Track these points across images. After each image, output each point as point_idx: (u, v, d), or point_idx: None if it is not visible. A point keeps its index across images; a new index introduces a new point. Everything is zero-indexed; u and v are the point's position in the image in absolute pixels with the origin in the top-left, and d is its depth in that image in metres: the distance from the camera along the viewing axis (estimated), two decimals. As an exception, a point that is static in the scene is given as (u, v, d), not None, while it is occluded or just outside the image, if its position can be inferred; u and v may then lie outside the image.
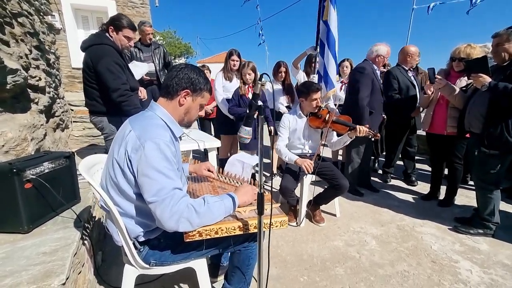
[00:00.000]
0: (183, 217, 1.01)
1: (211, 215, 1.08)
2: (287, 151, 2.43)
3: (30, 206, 1.35)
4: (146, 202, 1.03)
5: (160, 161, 1.01)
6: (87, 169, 1.24)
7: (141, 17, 6.46)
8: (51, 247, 1.24)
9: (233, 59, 3.18)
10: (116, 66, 2.15)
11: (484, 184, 2.22)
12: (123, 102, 2.16)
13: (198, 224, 1.05)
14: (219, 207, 1.11)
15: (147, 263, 1.20)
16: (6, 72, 1.72)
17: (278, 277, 1.79)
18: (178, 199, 1.01)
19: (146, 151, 1.00)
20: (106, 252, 1.95)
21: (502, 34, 2.03)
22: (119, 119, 2.28)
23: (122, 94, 2.14)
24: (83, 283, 1.32)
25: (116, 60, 2.17)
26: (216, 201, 1.12)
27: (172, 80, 1.15)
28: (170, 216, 0.99)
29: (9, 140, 1.62)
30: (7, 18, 1.89)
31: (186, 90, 1.15)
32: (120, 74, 2.17)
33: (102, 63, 2.10)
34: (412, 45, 3.19)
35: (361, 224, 2.52)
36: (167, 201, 0.99)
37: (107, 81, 2.11)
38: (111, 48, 2.19)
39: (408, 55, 3.13)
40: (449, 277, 1.81)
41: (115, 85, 2.12)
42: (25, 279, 1.02)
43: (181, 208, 1.01)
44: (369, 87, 2.89)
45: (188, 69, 1.16)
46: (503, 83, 1.97)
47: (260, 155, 1.02)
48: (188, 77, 1.15)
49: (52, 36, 3.32)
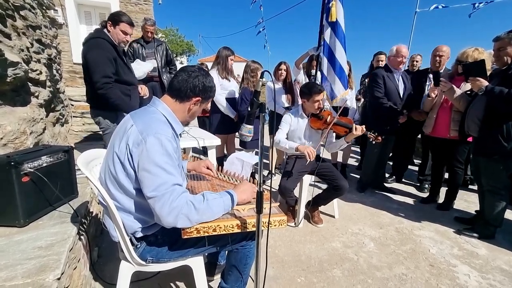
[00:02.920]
0: (182, 213, 1.00)
1: (210, 212, 1.08)
2: (287, 140, 2.43)
3: (27, 200, 1.33)
4: (145, 198, 1.02)
5: (161, 156, 1.01)
6: (86, 163, 1.23)
7: (144, 14, 6.45)
8: (47, 241, 1.23)
9: (232, 58, 3.17)
10: (102, 58, 2.15)
11: (495, 189, 2.21)
12: (104, 94, 2.16)
13: (196, 220, 1.05)
14: (218, 204, 1.11)
15: (143, 259, 1.19)
16: (6, 64, 1.71)
17: (275, 277, 1.78)
18: (178, 194, 1.01)
19: (148, 145, 1.00)
20: (102, 248, 1.94)
21: (504, 38, 2.03)
22: (114, 114, 2.32)
23: (100, 87, 2.14)
24: (78, 279, 1.31)
25: (105, 53, 2.17)
26: (215, 198, 1.12)
27: (186, 84, 1.14)
28: (169, 211, 0.99)
29: (7, 133, 1.61)
30: (9, 10, 1.88)
31: (198, 98, 1.17)
32: (105, 66, 2.16)
33: (88, 55, 2.14)
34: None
35: (359, 226, 2.51)
36: (166, 196, 0.99)
37: (91, 73, 2.14)
38: (105, 41, 2.20)
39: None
40: (447, 281, 1.80)
41: (95, 78, 2.14)
42: (20, 273, 1.01)
43: (181, 204, 1.00)
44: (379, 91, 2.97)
45: (202, 76, 1.16)
46: (499, 88, 1.97)
47: (261, 152, 1.01)
48: (203, 85, 1.16)
49: (54, 31, 3.31)
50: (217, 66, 3.14)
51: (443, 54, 2.95)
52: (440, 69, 2.96)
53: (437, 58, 2.98)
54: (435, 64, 3.00)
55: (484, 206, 2.31)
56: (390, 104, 2.96)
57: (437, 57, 2.98)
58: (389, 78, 3.01)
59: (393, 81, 3.02)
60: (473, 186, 3.49)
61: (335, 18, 3.03)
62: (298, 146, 2.29)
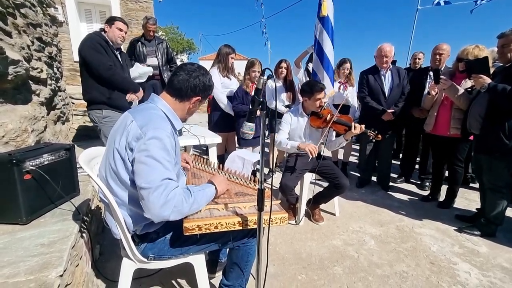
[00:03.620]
0: (175, 206, 1.01)
1: (197, 204, 1.11)
2: (288, 140, 2.43)
3: (29, 198, 1.34)
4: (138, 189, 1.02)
5: (160, 150, 1.02)
6: (87, 161, 1.24)
7: (144, 12, 6.44)
8: (49, 239, 1.24)
9: (232, 56, 3.15)
10: (98, 46, 2.29)
11: (496, 186, 2.21)
12: (111, 76, 2.32)
13: (186, 213, 1.07)
14: (203, 196, 1.15)
15: (145, 257, 1.20)
16: (7, 62, 1.71)
17: (276, 275, 1.78)
18: (171, 188, 1.01)
19: (146, 139, 1.01)
20: (104, 245, 1.95)
21: (508, 34, 2.01)
22: (100, 111, 2.41)
23: (108, 67, 2.30)
24: (80, 276, 1.31)
25: (100, 40, 2.32)
26: (200, 190, 1.15)
27: (187, 84, 1.15)
28: (164, 203, 0.98)
29: (9, 131, 1.61)
30: (10, 8, 1.88)
31: (198, 97, 1.19)
32: (103, 52, 2.32)
33: (84, 45, 2.27)
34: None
35: (360, 223, 2.52)
36: (161, 188, 0.99)
37: (91, 60, 2.26)
38: (97, 37, 2.33)
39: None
40: (448, 278, 1.80)
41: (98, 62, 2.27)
42: (22, 270, 1.02)
43: (174, 197, 1.01)
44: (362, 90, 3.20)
45: (202, 75, 1.18)
46: (502, 85, 1.96)
47: (261, 150, 1.01)
48: (203, 84, 1.18)
49: (54, 29, 3.31)
50: (218, 64, 3.13)
51: (443, 52, 2.95)
52: (440, 67, 2.95)
53: (437, 56, 2.98)
54: (435, 62, 3.00)
55: (485, 204, 2.31)
56: (371, 103, 3.09)
57: (437, 55, 2.98)
58: (374, 77, 3.09)
59: (377, 80, 3.08)
60: (474, 184, 3.49)
61: (326, 13, 3.06)
62: (299, 144, 2.29)
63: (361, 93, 3.20)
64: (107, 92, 2.37)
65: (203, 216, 1.13)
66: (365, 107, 3.26)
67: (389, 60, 3.00)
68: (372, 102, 3.10)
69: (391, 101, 3.07)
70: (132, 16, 6.54)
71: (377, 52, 3.02)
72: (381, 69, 3.07)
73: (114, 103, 2.41)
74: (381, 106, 3.05)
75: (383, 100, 3.08)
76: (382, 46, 2.98)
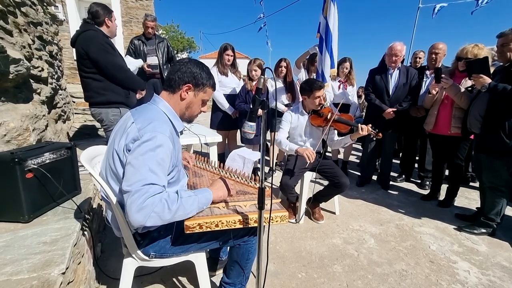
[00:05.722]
0: (154, 211, 0.95)
1: (183, 210, 1.04)
2: (288, 142, 2.43)
3: (31, 196, 1.35)
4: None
5: (150, 152, 0.99)
6: (89, 160, 1.25)
7: (145, 10, 6.42)
8: (51, 237, 1.25)
9: (228, 53, 3.16)
10: (107, 46, 2.24)
11: (496, 185, 2.21)
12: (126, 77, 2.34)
13: (169, 220, 1.01)
14: (193, 202, 1.08)
15: (146, 255, 1.20)
16: (8, 61, 1.71)
17: (276, 273, 1.79)
18: (151, 194, 0.96)
19: (141, 142, 1.00)
20: (106, 243, 1.96)
21: (508, 34, 2.02)
22: (117, 110, 2.35)
23: (121, 67, 2.30)
24: (82, 273, 1.32)
25: (106, 40, 2.28)
26: (190, 195, 1.09)
27: (175, 74, 1.16)
28: (139, 209, 0.93)
29: (11, 130, 1.62)
30: (10, 7, 1.88)
31: (188, 85, 1.17)
32: (113, 52, 2.29)
33: (94, 46, 2.17)
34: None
35: (360, 222, 2.53)
36: (139, 193, 0.94)
37: (106, 63, 2.21)
38: (97, 32, 2.27)
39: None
40: (447, 277, 1.81)
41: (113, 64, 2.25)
42: (25, 268, 1.03)
43: (153, 203, 0.95)
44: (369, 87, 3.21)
45: (191, 64, 1.18)
46: (503, 85, 1.97)
47: (262, 149, 1.01)
48: (190, 71, 1.16)
49: (55, 27, 3.31)
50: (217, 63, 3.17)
51: (439, 51, 2.98)
52: (436, 66, 2.96)
53: (433, 55, 3.00)
54: (431, 62, 3.02)
55: (485, 203, 2.32)
56: (376, 101, 3.10)
57: (433, 55, 3.00)
58: (380, 76, 3.09)
59: (383, 79, 3.07)
60: (474, 183, 3.49)
61: (326, 14, 3.03)
62: (297, 149, 2.29)
63: (366, 90, 3.23)
64: (123, 92, 2.35)
65: (204, 214, 1.13)
66: (369, 105, 3.31)
67: (398, 60, 2.98)
68: (375, 99, 3.10)
69: (395, 100, 3.06)
70: (133, 14, 6.53)
71: (388, 50, 3.00)
72: (389, 68, 3.05)
73: (131, 102, 2.42)
74: (384, 105, 3.05)
75: (387, 98, 3.08)
76: (393, 44, 2.95)
